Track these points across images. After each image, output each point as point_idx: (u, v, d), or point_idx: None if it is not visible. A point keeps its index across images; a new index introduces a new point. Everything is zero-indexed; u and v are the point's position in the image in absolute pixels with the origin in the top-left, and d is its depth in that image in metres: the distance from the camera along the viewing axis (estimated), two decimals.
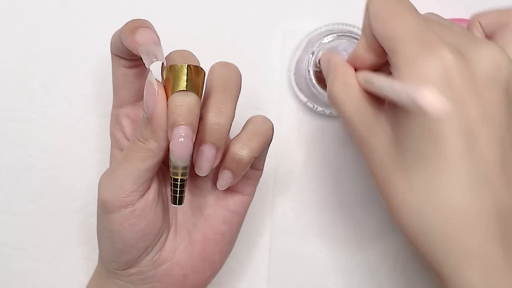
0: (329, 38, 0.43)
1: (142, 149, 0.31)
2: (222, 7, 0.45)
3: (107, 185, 0.33)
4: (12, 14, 0.44)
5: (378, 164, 0.31)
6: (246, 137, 0.34)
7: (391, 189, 0.30)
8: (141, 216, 0.33)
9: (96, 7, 0.45)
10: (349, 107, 0.32)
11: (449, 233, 0.28)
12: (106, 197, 0.32)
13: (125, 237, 0.33)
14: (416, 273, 0.49)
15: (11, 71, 0.45)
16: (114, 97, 0.37)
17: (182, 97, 0.30)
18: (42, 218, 0.46)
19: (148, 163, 0.32)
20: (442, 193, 0.28)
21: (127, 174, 0.32)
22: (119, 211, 0.32)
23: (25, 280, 0.47)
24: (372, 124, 0.31)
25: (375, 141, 0.31)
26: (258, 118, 0.36)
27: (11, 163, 0.46)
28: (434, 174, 0.28)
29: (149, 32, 0.31)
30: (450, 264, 0.28)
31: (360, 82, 0.32)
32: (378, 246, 0.49)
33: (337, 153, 0.47)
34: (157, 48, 0.31)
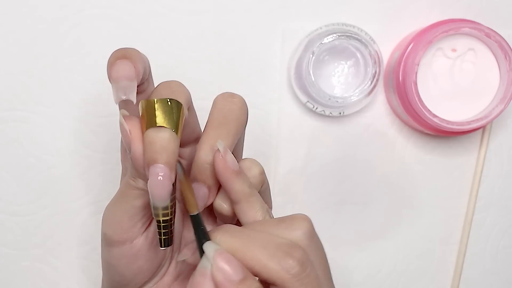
0: (329, 38, 0.43)
1: (132, 187, 0.30)
2: (222, 7, 0.45)
3: (107, 219, 0.32)
4: (12, 14, 0.44)
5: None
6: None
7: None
8: (138, 254, 0.32)
9: (96, 7, 0.45)
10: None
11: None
12: (106, 230, 0.32)
13: (122, 273, 0.32)
14: (416, 273, 0.49)
15: (11, 71, 0.45)
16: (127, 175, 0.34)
17: (154, 134, 0.28)
18: (42, 218, 0.46)
19: (141, 200, 0.30)
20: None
21: (123, 211, 0.31)
22: (117, 247, 0.31)
23: (25, 280, 0.47)
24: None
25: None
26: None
27: (11, 163, 0.46)
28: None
29: (125, 66, 0.29)
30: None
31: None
32: (378, 246, 0.49)
33: (337, 153, 0.47)
34: (128, 84, 0.28)
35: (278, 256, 0.29)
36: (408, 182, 0.48)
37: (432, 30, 0.43)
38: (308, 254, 0.30)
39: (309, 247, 0.30)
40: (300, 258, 0.29)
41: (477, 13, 0.46)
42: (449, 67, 0.44)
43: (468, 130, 0.44)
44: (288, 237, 0.30)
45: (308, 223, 0.31)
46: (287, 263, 0.28)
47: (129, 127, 0.28)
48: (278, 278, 0.28)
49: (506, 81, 0.43)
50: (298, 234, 0.30)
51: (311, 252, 0.30)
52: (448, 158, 0.48)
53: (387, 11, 0.46)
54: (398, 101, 0.44)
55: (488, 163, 0.48)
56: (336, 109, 0.45)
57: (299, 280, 0.29)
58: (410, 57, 0.43)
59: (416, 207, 0.48)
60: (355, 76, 0.45)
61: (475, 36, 0.44)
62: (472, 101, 0.45)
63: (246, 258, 0.29)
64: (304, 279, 0.29)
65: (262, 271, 0.29)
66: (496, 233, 0.49)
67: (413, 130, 0.47)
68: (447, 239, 0.49)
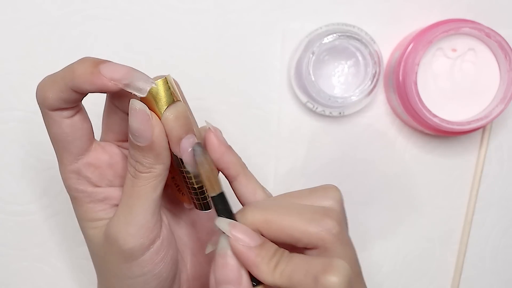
0: (329, 38, 0.43)
1: (150, 178, 0.30)
2: (222, 7, 0.45)
3: (128, 232, 0.30)
4: (12, 14, 0.44)
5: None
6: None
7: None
8: (169, 244, 0.32)
9: (96, 7, 0.45)
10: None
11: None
12: (131, 244, 0.30)
13: (159, 273, 0.32)
14: (416, 273, 0.49)
15: (11, 71, 0.45)
16: (64, 156, 0.31)
17: (174, 110, 0.29)
18: (42, 218, 0.46)
19: (159, 189, 0.31)
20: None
21: (146, 210, 0.31)
22: (148, 250, 0.31)
23: (25, 280, 0.47)
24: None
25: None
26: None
27: (11, 163, 0.46)
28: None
29: (115, 64, 0.29)
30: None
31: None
32: (378, 246, 0.49)
33: (337, 153, 0.47)
34: (139, 74, 0.29)
35: (317, 219, 0.29)
36: (408, 182, 0.48)
37: (432, 30, 0.43)
38: (342, 218, 0.31)
39: (342, 214, 0.31)
40: (338, 219, 0.30)
41: (477, 13, 0.46)
42: (449, 67, 0.44)
43: (468, 130, 0.44)
44: (322, 205, 0.31)
45: (340, 193, 0.32)
46: (328, 224, 0.29)
47: (148, 111, 0.29)
48: (320, 239, 0.29)
49: (506, 81, 0.43)
50: (331, 203, 0.31)
51: (343, 218, 0.31)
52: (448, 158, 0.48)
53: (387, 11, 0.46)
54: (398, 101, 0.44)
55: (488, 163, 0.48)
56: (336, 109, 0.45)
57: (340, 239, 0.29)
58: (410, 57, 0.43)
59: (416, 207, 0.48)
60: (355, 76, 0.45)
61: (475, 36, 0.44)
62: (472, 101, 0.45)
63: (283, 227, 0.29)
64: (343, 238, 0.30)
65: (302, 237, 0.29)
66: (496, 233, 0.49)
67: (413, 130, 0.47)
68: (447, 239, 0.49)
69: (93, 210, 0.33)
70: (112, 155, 0.33)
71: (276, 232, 0.29)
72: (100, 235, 0.32)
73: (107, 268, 0.33)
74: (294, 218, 0.29)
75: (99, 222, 0.33)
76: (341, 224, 0.30)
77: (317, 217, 0.29)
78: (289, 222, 0.29)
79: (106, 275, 0.33)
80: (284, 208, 0.30)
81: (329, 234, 0.29)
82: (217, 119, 0.46)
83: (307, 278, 0.28)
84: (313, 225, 0.29)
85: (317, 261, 0.28)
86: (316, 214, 0.30)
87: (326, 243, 0.29)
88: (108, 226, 0.32)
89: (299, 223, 0.29)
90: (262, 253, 0.29)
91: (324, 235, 0.29)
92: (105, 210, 0.32)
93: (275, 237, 0.30)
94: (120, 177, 0.33)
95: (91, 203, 0.32)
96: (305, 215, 0.30)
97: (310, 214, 0.30)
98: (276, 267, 0.28)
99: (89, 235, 0.33)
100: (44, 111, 0.31)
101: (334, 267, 0.28)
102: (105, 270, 0.33)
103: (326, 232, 0.29)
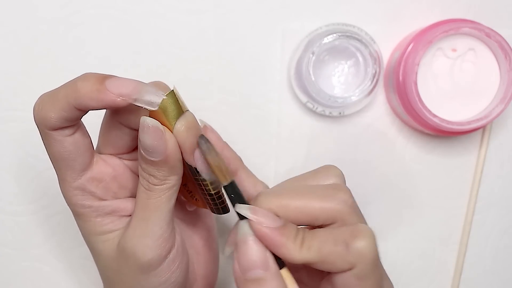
0: (329, 38, 0.43)
1: (164, 190, 0.30)
2: (222, 7, 0.45)
3: (145, 244, 0.30)
4: (12, 14, 0.44)
5: None
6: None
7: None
8: (183, 250, 0.33)
9: (96, 7, 0.45)
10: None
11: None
12: (149, 256, 0.30)
13: (176, 280, 0.32)
14: (416, 273, 0.49)
15: (11, 71, 0.45)
16: (68, 174, 0.31)
17: (185, 121, 0.29)
18: (42, 218, 0.46)
19: (174, 198, 0.31)
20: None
21: (162, 221, 0.31)
22: (166, 259, 0.31)
23: (25, 280, 0.47)
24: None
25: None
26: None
27: (11, 163, 0.46)
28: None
29: (121, 79, 0.28)
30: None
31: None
32: (378, 246, 0.48)
33: (337, 153, 0.47)
34: (147, 87, 0.28)
35: (330, 194, 0.30)
36: (408, 182, 0.48)
37: (432, 30, 0.43)
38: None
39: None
40: (348, 192, 0.31)
41: (477, 13, 0.46)
42: (449, 67, 0.44)
43: (468, 130, 0.44)
44: (327, 183, 0.32)
45: (340, 170, 0.33)
46: (342, 196, 0.30)
47: (161, 127, 0.29)
48: (338, 211, 0.30)
49: (506, 81, 0.43)
50: (335, 179, 0.33)
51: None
52: (448, 158, 0.48)
53: (387, 11, 0.46)
54: (398, 101, 0.44)
55: (488, 163, 0.48)
56: (336, 109, 0.45)
57: (355, 210, 0.31)
58: (410, 57, 0.43)
59: (416, 207, 0.48)
60: (355, 76, 0.45)
61: (475, 36, 0.44)
62: (472, 101, 0.45)
63: (300, 207, 0.30)
64: (357, 209, 0.31)
65: (320, 214, 0.30)
66: (496, 233, 0.49)
67: (413, 130, 0.47)
68: (447, 239, 0.49)
69: (102, 223, 0.32)
70: (115, 167, 0.33)
71: (294, 214, 0.30)
72: (112, 247, 0.32)
73: (121, 281, 0.33)
74: (308, 198, 0.30)
75: (109, 235, 0.32)
76: (352, 197, 0.31)
77: (330, 192, 0.30)
78: (304, 202, 0.30)
79: (119, 287, 0.33)
80: (296, 190, 0.31)
81: (345, 206, 0.30)
82: (217, 119, 0.46)
83: (337, 247, 0.28)
84: (328, 201, 0.30)
85: (342, 229, 0.29)
86: (329, 190, 0.30)
87: (343, 215, 0.30)
88: (123, 240, 0.31)
89: (314, 201, 0.30)
90: (286, 233, 0.29)
91: (340, 208, 0.30)
92: (113, 222, 0.32)
93: (293, 219, 0.30)
94: (124, 188, 0.33)
95: (99, 217, 0.32)
96: (318, 193, 0.30)
97: (323, 191, 0.30)
98: (303, 244, 0.29)
99: (99, 249, 0.33)
100: (44, 131, 0.30)
101: (361, 231, 0.29)
102: (119, 283, 0.33)
103: (342, 204, 0.30)
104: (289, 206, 0.30)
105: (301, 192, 0.30)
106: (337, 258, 0.28)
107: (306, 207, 0.30)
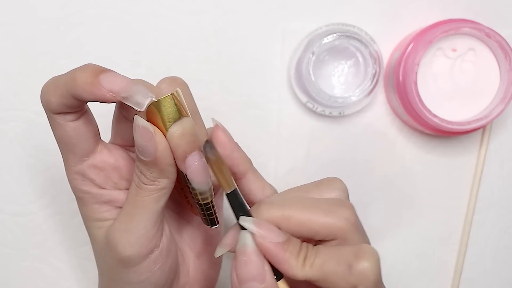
0: (329, 38, 0.43)
1: (153, 191, 0.30)
2: (222, 7, 0.45)
3: (127, 240, 0.30)
4: (12, 14, 0.44)
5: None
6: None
7: None
8: (167, 253, 0.32)
9: (96, 7, 0.45)
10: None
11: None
12: (129, 252, 0.30)
13: (156, 281, 0.32)
14: (416, 273, 0.49)
15: (11, 71, 0.45)
16: (69, 157, 0.32)
17: (180, 127, 0.29)
18: (42, 218, 0.46)
19: (162, 201, 0.31)
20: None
21: (146, 221, 0.30)
22: (146, 259, 0.31)
23: (25, 280, 0.47)
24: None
25: None
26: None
27: (11, 163, 0.46)
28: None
29: (115, 76, 0.28)
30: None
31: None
32: (378, 246, 0.48)
33: (337, 153, 0.47)
34: (138, 87, 0.28)
35: (334, 210, 0.30)
36: (408, 182, 0.48)
37: (432, 30, 0.43)
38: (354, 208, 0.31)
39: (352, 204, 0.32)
40: (352, 209, 0.30)
41: (477, 13, 0.46)
42: (449, 67, 0.44)
43: (468, 130, 0.44)
44: (330, 197, 0.32)
45: (344, 184, 0.33)
46: (345, 213, 0.30)
47: (151, 129, 0.28)
48: (340, 229, 0.29)
49: (506, 81, 0.43)
50: (339, 193, 0.32)
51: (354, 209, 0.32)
52: (448, 158, 0.48)
53: (387, 11, 0.46)
54: (398, 101, 0.44)
55: (488, 163, 0.48)
56: (336, 109, 0.45)
57: (357, 228, 0.30)
58: (410, 57, 0.43)
59: (416, 207, 0.48)
60: (355, 76, 0.45)
61: (475, 36, 0.44)
62: (472, 101, 0.45)
63: (302, 221, 0.30)
64: (359, 227, 0.31)
65: (321, 229, 0.29)
66: (496, 233, 0.49)
67: (413, 130, 0.47)
68: (447, 239, 0.49)
69: (98, 210, 0.33)
70: (118, 158, 0.32)
71: (296, 227, 0.30)
72: (104, 235, 0.32)
73: (107, 270, 0.33)
74: (311, 212, 0.30)
75: (104, 223, 0.33)
76: (355, 214, 0.30)
77: (334, 208, 0.30)
78: (307, 216, 0.30)
79: (106, 276, 0.33)
80: (299, 203, 0.31)
81: (347, 224, 0.30)
82: (217, 119, 0.46)
83: (340, 267, 0.28)
84: (331, 217, 0.29)
85: (346, 249, 0.29)
86: (332, 205, 0.30)
87: (345, 233, 0.29)
88: (109, 231, 0.31)
89: (317, 215, 0.30)
90: (289, 248, 0.29)
91: (342, 225, 0.29)
92: (110, 211, 0.32)
93: (294, 232, 0.30)
94: (125, 180, 0.33)
95: (96, 204, 0.32)
96: (322, 207, 0.30)
97: (327, 206, 0.30)
98: (306, 261, 0.29)
99: (94, 234, 0.33)
100: (49, 114, 0.31)
101: (365, 252, 0.28)
102: (105, 271, 0.33)
103: (344, 222, 0.29)
104: (291, 218, 0.30)
105: (304, 205, 0.30)
106: (339, 279, 0.28)
107: (309, 221, 0.29)
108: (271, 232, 0.29)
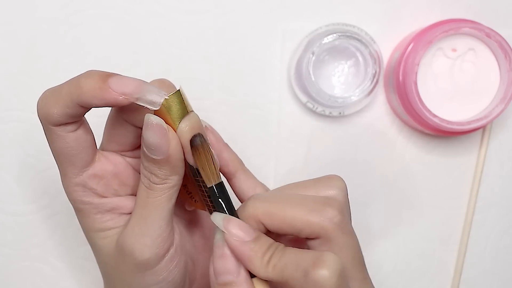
0: (329, 38, 0.43)
1: (165, 189, 0.30)
2: (222, 7, 0.45)
3: (143, 243, 0.30)
4: (12, 14, 0.44)
5: None
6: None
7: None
8: (182, 249, 0.33)
9: (96, 7, 0.45)
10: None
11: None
12: (147, 255, 0.30)
13: (174, 279, 0.32)
14: (416, 273, 0.49)
15: (11, 71, 0.45)
16: (69, 169, 0.31)
17: (189, 122, 0.29)
18: (42, 218, 0.46)
19: (174, 198, 0.31)
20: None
21: (161, 220, 0.31)
22: (163, 259, 0.31)
23: (25, 280, 0.47)
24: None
25: None
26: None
27: (11, 163, 0.46)
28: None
29: (124, 78, 0.28)
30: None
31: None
32: (378, 246, 0.49)
33: (337, 153, 0.47)
34: (150, 86, 0.28)
35: (318, 209, 0.29)
36: (408, 182, 0.48)
37: (432, 30, 0.43)
38: (344, 207, 0.31)
39: (345, 203, 0.31)
40: (339, 208, 0.30)
41: (477, 13, 0.46)
42: (449, 67, 0.44)
43: (468, 130, 0.44)
44: (326, 195, 0.31)
45: (344, 183, 0.32)
46: (329, 213, 0.29)
47: (165, 125, 0.29)
48: (322, 228, 0.29)
49: (506, 81, 0.43)
50: (335, 192, 0.32)
51: (346, 208, 0.31)
52: (448, 158, 0.48)
53: (387, 11, 0.46)
54: (398, 101, 0.44)
55: (488, 163, 0.48)
56: (336, 109, 0.45)
57: (341, 228, 0.29)
58: (410, 57, 0.43)
59: (416, 207, 0.48)
60: (355, 76, 0.45)
61: (475, 36, 0.44)
62: (472, 101, 0.45)
63: (285, 217, 0.29)
64: (344, 228, 0.30)
65: (303, 227, 0.29)
66: (496, 233, 0.49)
67: (413, 130, 0.47)
68: (447, 239, 0.49)
69: (101, 220, 0.32)
70: (116, 164, 0.32)
71: (278, 223, 0.30)
72: (111, 245, 0.32)
73: (119, 278, 0.33)
74: (295, 209, 0.30)
75: (108, 232, 0.32)
76: (342, 213, 0.30)
77: (318, 207, 0.30)
78: (290, 212, 0.29)
79: (117, 283, 0.33)
80: (286, 199, 0.31)
81: (330, 223, 0.29)
82: (217, 119, 0.46)
83: (297, 272, 0.28)
84: (314, 215, 0.29)
85: (308, 254, 0.28)
86: (318, 204, 0.30)
87: (327, 232, 0.29)
88: (122, 238, 0.31)
89: (300, 213, 0.29)
90: (255, 248, 0.29)
91: (325, 225, 0.29)
92: (113, 219, 0.32)
93: (277, 228, 0.30)
94: (125, 186, 0.33)
95: (99, 214, 0.32)
96: (307, 205, 0.30)
97: (312, 204, 0.30)
98: (269, 261, 0.29)
99: (98, 245, 0.33)
100: (47, 126, 0.30)
101: (324, 261, 0.27)
102: (117, 279, 0.33)
103: (327, 221, 0.29)
104: (274, 215, 0.30)
105: (289, 202, 0.30)
106: (296, 284, 0.28)
107: (291, 218, 0.29)
108: (239, 230, 0.29)
